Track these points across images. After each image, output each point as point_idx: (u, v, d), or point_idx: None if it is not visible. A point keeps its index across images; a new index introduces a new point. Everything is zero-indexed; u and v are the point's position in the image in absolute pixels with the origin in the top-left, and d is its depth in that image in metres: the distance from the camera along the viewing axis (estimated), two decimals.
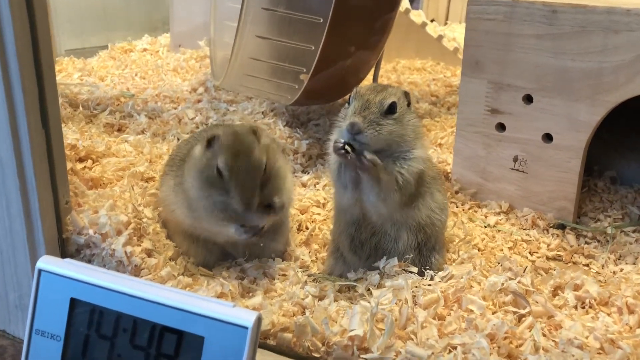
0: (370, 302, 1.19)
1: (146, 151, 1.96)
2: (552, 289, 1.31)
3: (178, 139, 2.10)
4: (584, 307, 1.26)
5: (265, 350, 1.15)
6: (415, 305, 1.20)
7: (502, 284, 1.25)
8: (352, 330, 1.11)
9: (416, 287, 1.25)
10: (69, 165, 1.59)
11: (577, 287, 1.31)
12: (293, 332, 1.16)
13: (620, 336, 1.13)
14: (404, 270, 1.31)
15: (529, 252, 1.57)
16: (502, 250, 1.56)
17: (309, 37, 1.98)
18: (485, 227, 1.67)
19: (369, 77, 2.45)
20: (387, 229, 1.34)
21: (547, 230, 1.66)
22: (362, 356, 1.09)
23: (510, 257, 1.47)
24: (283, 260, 1.48)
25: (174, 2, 3.31)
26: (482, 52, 1.72)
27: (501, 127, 1.74)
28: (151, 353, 0.95)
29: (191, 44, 3.27)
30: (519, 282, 1.27)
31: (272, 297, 1.32)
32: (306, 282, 1.36)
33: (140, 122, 2.24)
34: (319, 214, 1.72)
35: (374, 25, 2.09)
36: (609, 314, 1.23)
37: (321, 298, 1.29)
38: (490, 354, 1.07)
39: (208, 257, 1.46)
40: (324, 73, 2.01)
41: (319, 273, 1.45)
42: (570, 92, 1.60)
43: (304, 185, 1.89)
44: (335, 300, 1.26)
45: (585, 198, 1.81)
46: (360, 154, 1.24)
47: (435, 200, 1.37)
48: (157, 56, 3.28)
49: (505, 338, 1.12)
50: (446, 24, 4.29)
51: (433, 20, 4.10)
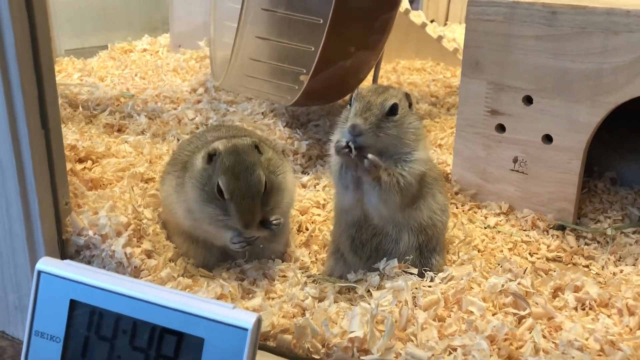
0: (370, 304, 1.19)
1: (146, 152, 1.96)
2: (552, 291, 1.31)
3: (178, 139, 2.10)
4: (584, 309, 1.26)
5: (265, 351, 1.15)
6: (416, 306, 1.20)
7: (502, 286, 1.25)
8: (352, 331, 1.11)
9: (416, 288, 1.25)
10: (68, 166, 1.59)
11: (577, 289, 1.30)
12: (293, 334, 1.16)
13: (621, 338, 1.13)
14: (404, 271, 1.31)
15: (529, 253, 1.57)
16: (502, 251, 1.56)
17: (309, 38, 1.98)
18: (485, 228, 1.67)
19: (369, 77, 2.45)
20: (389, 230, 1.34)
21: (547, 232, 1.66)
22: (362, 358, 1.09)
23: (510, 259, 1.46)
24: (283, 262, 1.48)
25: (173, 2, 3.31)
26: (482, 53, 1.72)
27: (501, 128, 1.74)
28: (151, 355, 0.95)
29: (191, 44, 3.27)
30: (519, 283, 1.27)
31: (272, 299, 1.31)
32: (306, 283, 1.36)
33: (140, 123, 2.24)
34: (319, 215, 1.71)
35: (374, 26, 2.09)
36: (609, 316, 1.23)
37: (321, 299, 1.29)
38: (490, 356, 1.07)
39: (208, 258, 1.46)
40: (323, 74, 2.01)
41: (319, 274, 1.45)
42: (570, 93, 1.60)
43: (304, 186, 1.89)
44: (335, 301, 1.26)
45: (585, 199, 1.81)
46: (362, 155, 1.24)
47: (436, 201, 1.37)
48: (157, 56, 3.28)
49: (506, 340, 1.11)
50: (446, 24, 4.29)
51: (433, 20, 4.10)
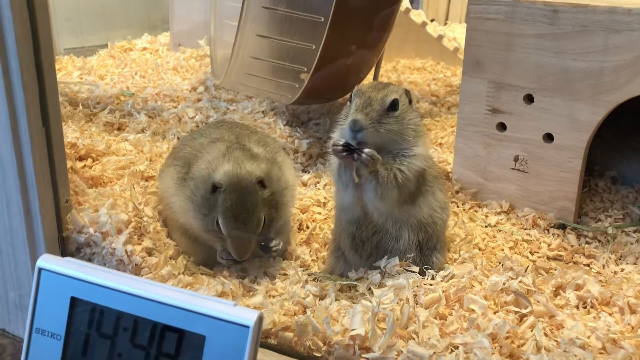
0: (371, 302, 1.19)
1: (146, 150, 1.96)
2: (554, 289, 1.31)
3: (178, 137, 2.10)
4: (585, 307, 1.25)
5: (267, 349, 1.15)
6: (417, 304, 1.20)
7: (504, 284, 1.25)
8: (354, 329, 1.11)
9: (417, 286, 1.25)
10: (69, 163, 1.58)
11: (578, 287, 1.30)
12: (294, 332, 1.15)
13: (622, 336, 1.13)
14: (405, 269, 1.30)
15: (530, 252, 1.57)
16: (502, 250, 1.55)
17: (310, 36, 1.98)
18: (486, 226, 1.67)
19: (369, 76, 2.45)
20: (389, 227, 1.34)
21: (548, 230, 1.66)
22: (363, 356, 1.08)
23: (511, 257, 1.46)
24: (284, 260, 1.48)
25: (173, 1, 3.31)
26: (483, 52, 1.71)
27: (502, 126, 1.74)
28: (152, 352, 0.94)
29: (191, 42, 3.26)
30: (520, 281, 1.27)
31: (273, 297, 1.31)
32: (307, 281, 1.36)
33: (140, 121, 2.23)
34: (320, 213, 1.71)
35: (375, 25, 2.09)
36: (610, 314, 1.23)
37: (322, 297, 1.29)
38: (492, 354, 1.06)
39: (208, 256, 1.45)
40: (324, 72, 2.01)
41: (320, 272, 1.45)
42: (571, 92, 1.60)
43: (305, 184, 1.89)
44: (337, 299, 1.26)
45: (586, 198, 1.81)
46: (360, 149, 1.23)
47: (436, 199, 1.37)
48: (157, 55, 3.28)
49: (507, 338, 1.11)
50: (446, 23, 4.29)
51: (433, 20, 4.10)
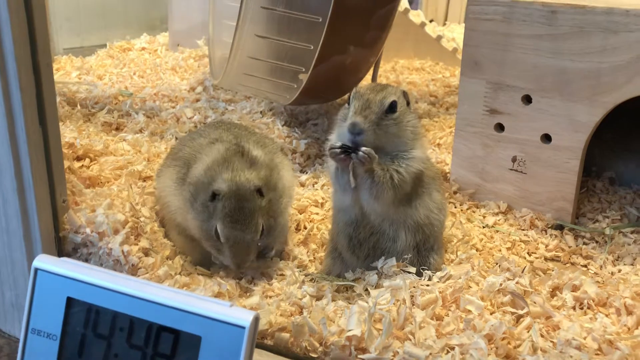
0: (368, 302, 1.19)
1: (144, 150, 1.96)
2: (551, 290, 1.31)
3: (176, 138, 2.10)
4: (582, 308, 1.26)
5: (263, 350, 1.15)
6: (413, 305, 1.20)
7: (501, 285, 1.25)
8: (350, 330, 1.11)
9: (414, 287, 1.25)
10: (66, 163, 1.58)
11: (575, 288, 1.30)
12: (290, 332, 1.15)
13: (619, 337, 1.13)
14: (402, 270, 1.30)
15: (527, 253, 1.57)
16: (500, 250, 1.55)
17: (308, 37, 1.98)
18: (484, 227, 1.67)
19: (368, 76, 2.45)
20: (386, 228, 1.34)
21: (546, 231, 1.66)
22: (359, 356, 1.08)
23: (508, 258, 1.46)
24: (281, 260, 1.48)
25: (172, 1, 3.31)
26: (481, 52, 1.71)
27: (500, 127, 1.74)
28: (148, 352, 0.94)
29: (190, 42, 3.26)
30: (517, 282, 1.27)
31: (270, 297, 1.31)
32: (304, 281, 1.36)
33: (139, 121, 2.23)
34: (317, 213, 1.71)
35: (373, 25, 2.09)
36: (607, 315, 1.23)
37: (319, 298, 1.29)
38: (488, 355, 1.06)
39: (205, 256, 1.45)
40: (322, 72, 2.01)
41: (317, 273, 1.44)
42: (569, 93, 1.60)
43: (302, 184, 1.89)
44: (333, 300, 1.26)
45: (584, 199, 1.81)
46: (357, 148, 1.23)
47: (433, 200, 1.37)
48: (156, 55, 3.27)
49: (503, 339, 1.11)
50: (445, 24, 4.29)
51: (432, 20, 4.10)
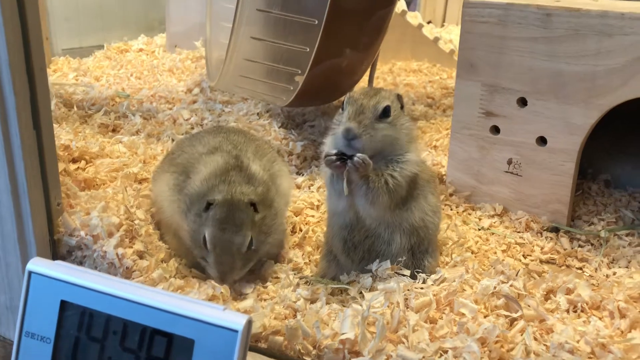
0: (362, 305, 1.19)
1: (140, 152, 1.96)
2: (544, 293, 1.31)
3: (173, 139, 2.10)
4: (575, 311, 1.26)
5: (256, 353, 1.15)
6: (407, 308, 1.20)
7: (495, 288, 1.25)
8: (343, 333, 1.11)
9: (408, 290, 1.25)
10: (62, 166, 1.59)
11: (569, 291, 1.30)
12: (284, 335, 1.15)
13: (612, 340, 1.13)
14: (396, 273, 1.30)
15: (523, 255, 1.57)
16: (495, 253, 1.55)
17: (304, 39, 1.98)
18: (479, 229, 1.67)
19: (365, 78, 2.45)
20: (381, 231, 1.34)
21: (541, 233, 1.66)
22: (353, 359, 1.09)
23: (503, 260, 1.46)
24: (276, 263, 1.48)
25: (170, 2, 3.31)
26: (476, 55, 1.72)
27: (495, 129, 1.74)
28: (141, 356, 0.94)
29: (187, 44, 3.26)
30: (511, 285, 1.27)
31: (264, 300, 1.31)
32: (298, 284, 1.36)
33: (135, 123, 2.23)
34: (313, 216, 1.71)
35: (369, 27, 2.09)
36: (600, 318, 1.23)
37: (313, 301, 1.29)
38: (481, 358, 1.06)
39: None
40: (318, 75, 2.01)
41: (312, 276, 1.45)
42: (564, 95, 1.60)
43: (298, 187, 1.89)
44: (327, 303, 1.26)
45: (579, 201, 1.81)
46: (352, 155, 1.24)
47: (428, 203, 1.37)
48: (153, 56, 3.27)
49: (497, 342, 1.11)
50: (443, 25, 4.29)
51: (430, 22, 4.10)
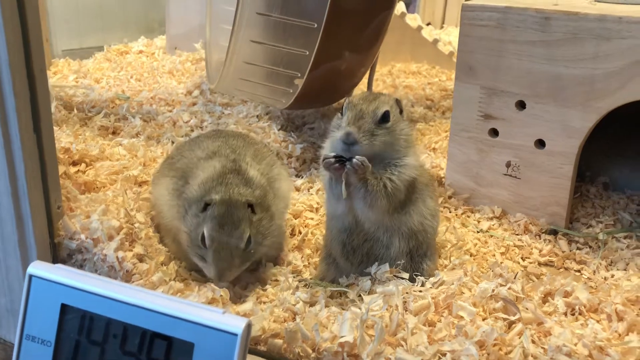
0: (360, 308, 1.20)
1: (140, 154, 1.96)
2: (543, 296, 1.31)
3: (172, 142, 2.10)
4: (573, 314, 1.26)
5: (256, 356, 1.15)
6: (406, 311, 1.20)
7: (493, 291, 1.26)
8: (342, 336, 1.11)
9: (407, 293, 1.25)
10: (62, 169, 1.59)
11: (567, 294, 1.31)
12: (283, 338, 1.16)
13: (609, 343, 1.13)
14: (395, 276, 1.31)
15: (521, 258, 1.57)
16: (494, 255, 1.56)
17: (304, 42, 1.98)
18: (478, 232, 1.67)
19: (364, 81, 2.46)
20: (379, 235, 1.34)
21: (540, 236, 1.67)
22: None
23: (501, 263, 1.47)
24: (275, 265, 1.48)
25: (170, 4, 3.31)
26: (475, 58, 1.72)
27: (494, 132, 1.74)
28: (141, 359, 0.95)
29: (187, 46, 3.27)
30: (509, 288, 1.27)
31: (264, 303, 1.32)
32: (297, 287, 1.37)
33: (135, 125, 2.24)
34: (312, 218, 1.72)
35: (368, 30, 2.10)
36: (598, 321, 1.23)
37: (312, 304, 1.29)
38: None
39: None
40: (318, 77, 2.01)
41: (311, 278, 1.45)
42: (562, 99, 1.60)
43: (298, 189, 1.89)
44: (327, 306, 1.27)
45: (578, 204, 1.82)
46: (350, 158, 1.24)
47: (427, 206, 1.37)
48: (153, 58, 3.28)
49: (495, 345, 1.12)
50: (442, 27, 4.29)
51: (429, 24, 4.10)
